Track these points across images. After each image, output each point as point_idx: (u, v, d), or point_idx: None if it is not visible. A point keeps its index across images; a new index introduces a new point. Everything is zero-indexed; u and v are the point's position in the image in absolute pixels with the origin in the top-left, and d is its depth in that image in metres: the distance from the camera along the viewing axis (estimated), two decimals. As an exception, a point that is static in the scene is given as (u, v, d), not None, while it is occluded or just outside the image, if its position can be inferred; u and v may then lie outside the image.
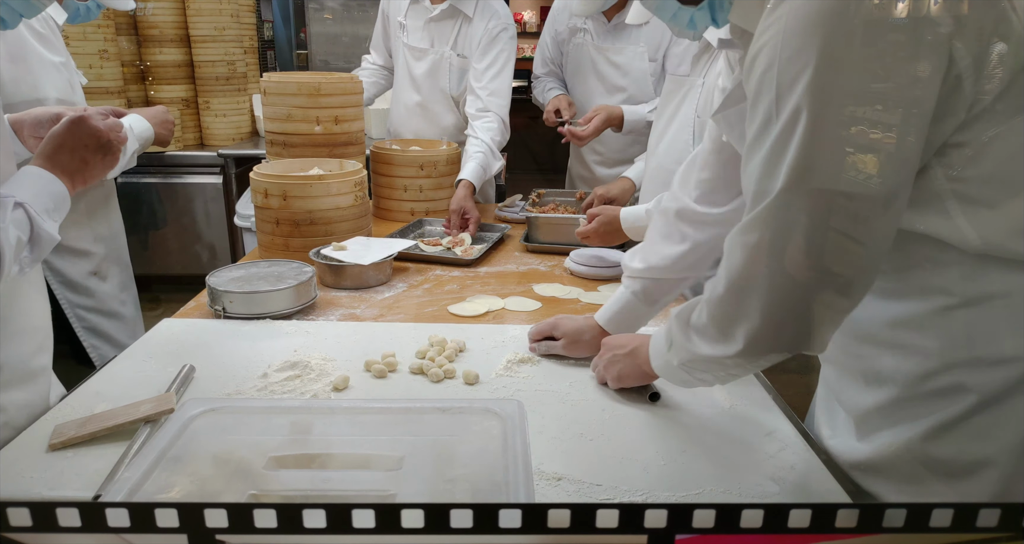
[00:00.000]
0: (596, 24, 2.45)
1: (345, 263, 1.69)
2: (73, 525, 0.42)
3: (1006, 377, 0.80)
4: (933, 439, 0.86)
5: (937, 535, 0.44)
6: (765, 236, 0.80)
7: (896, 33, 0.69)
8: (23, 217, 1.03)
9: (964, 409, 0.83)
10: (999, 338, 0.80)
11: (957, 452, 0.84)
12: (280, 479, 0.86)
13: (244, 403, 1.09)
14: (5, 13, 1.10)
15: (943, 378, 0.84)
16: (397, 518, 0.42)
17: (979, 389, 0.81)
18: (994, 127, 0.74)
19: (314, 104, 2.08)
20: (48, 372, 1.21)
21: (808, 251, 0.77)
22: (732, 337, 0.87)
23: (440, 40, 2.51)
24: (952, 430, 0.84)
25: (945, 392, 0.84)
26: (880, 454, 0.93)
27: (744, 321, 0.85)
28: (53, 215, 1.08)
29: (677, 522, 0.43)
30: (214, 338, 1.41)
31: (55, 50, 1.76)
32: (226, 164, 3.64)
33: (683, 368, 0.99)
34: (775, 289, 0.81)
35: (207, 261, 3.76)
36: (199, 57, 3.62)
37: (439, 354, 1.31)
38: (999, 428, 0.81)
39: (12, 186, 1.06)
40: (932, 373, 0.84)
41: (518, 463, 0.89)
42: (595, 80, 2.50)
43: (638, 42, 2.40)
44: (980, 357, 0.81)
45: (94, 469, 0.96)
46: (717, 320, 0.89)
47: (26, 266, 1.05)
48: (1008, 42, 0.70)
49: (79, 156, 1.15)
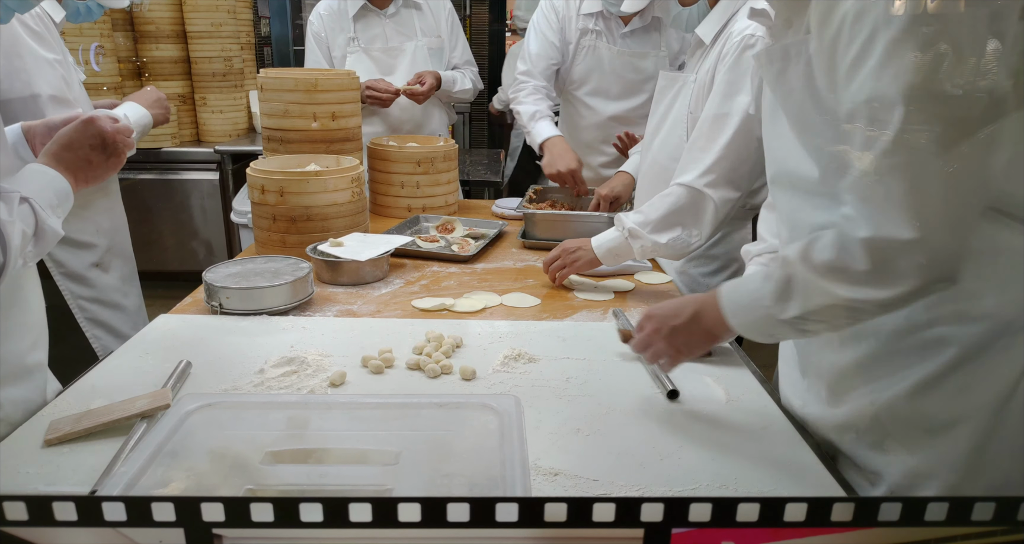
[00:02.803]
0: (611, 26, 2.42)
1: (342, 259, 1.69)
2: (70, 519, 0.42)
3: (986, 332, 0.82)
4: (918, 395, 0.87)
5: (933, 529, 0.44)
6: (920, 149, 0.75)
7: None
8: (28, 212, 1.03)
9: (944, 363, 0.85)
10: (984, 293, 0.82)
11: (939, 407, 0.86)
12: (277, 474, 0.86)
13: (241, 398, 1.09)
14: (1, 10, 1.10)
15: (927, 332, 0.86)
16: (394, 512, 0.42)
17: (959, 343, 0.83)
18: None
19: (311, 100, 2.08)
20: (44, 368, 1.21)
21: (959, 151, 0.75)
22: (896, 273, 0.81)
23: (407, 33, 2.66)
24: (935, 385, 0.86)
25: (927, 345, 0.86)
26: (859, 414, 0.94)
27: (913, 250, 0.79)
28: (57, 211, 1.09)
29: (673, 516, 0.43)
30: (211, 334, 1.41)
31: (49, 47, 1.76)
32: (223, 160, 3.63)
33: (797, 321, 0.90)
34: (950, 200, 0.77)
35: (204, 257, 3.75)
36: (196, 53, 3.61)
37: (436, 350, 1.31)
38: (977, 383, 0.84)
39: (17, 182, 1.06)
40: (917, 326, 0.86)
41: (515, 458, 0.89)
42: (615, 84, 2.48)
43: (659, 47, 2.40)
44: (964, 311, 0.83)
45: (90, 464, 0.96)
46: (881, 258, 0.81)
47: (30, 260, 1.06)
48: None
49: (84, 155, 1.16)
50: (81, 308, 2.05)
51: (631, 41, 2.42)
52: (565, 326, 1.49)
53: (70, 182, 1.14)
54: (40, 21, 1.75)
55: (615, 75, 2.46)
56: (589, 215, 2.05)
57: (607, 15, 2.39)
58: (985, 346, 0.83)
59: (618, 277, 1.79)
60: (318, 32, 2.64)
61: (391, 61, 2.65)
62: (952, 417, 0.86)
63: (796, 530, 0.44)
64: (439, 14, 2.71)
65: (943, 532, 0.44)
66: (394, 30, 2.65)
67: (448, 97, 2.76)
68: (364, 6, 2.59)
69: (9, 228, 0.98)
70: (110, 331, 2.11)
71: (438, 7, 2.71)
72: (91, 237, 2.02)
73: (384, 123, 2.70)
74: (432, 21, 2.70)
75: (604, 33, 2.43)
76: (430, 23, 2.70)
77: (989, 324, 0.82)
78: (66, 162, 1.14)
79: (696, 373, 1.27)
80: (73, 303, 2.03)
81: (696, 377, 1.25)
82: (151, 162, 3.59)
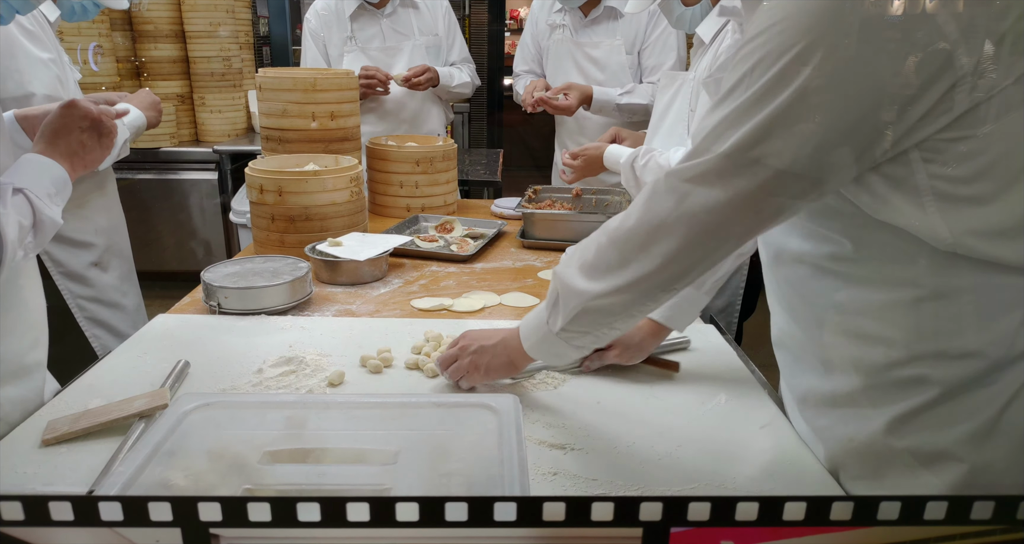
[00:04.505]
0: (574, 19, 2.50)
1: (341, 259, 1.69)
2: (66, 519, 0.42)
3: (968, 371, 0.81)
4: (894, 431, 0.86)
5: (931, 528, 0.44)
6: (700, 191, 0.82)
7: (893, 30, 0.69)
8: (24, 203, 1.04)
9: (925, 401, 0.83)
10: (965, 332, 0.80)
11: (918, 443, 0.85)
12: (275, 474, 0.86)
13: (239, 398, 1.09)
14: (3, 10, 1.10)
15: (906, 369, 0.84)
16: (392, 511, 0.42)
17: (942, 382, 0.82)
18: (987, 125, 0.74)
19: (310, 100, 2.08)
20: (42, 368, 1.21)
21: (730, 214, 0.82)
22: (627, 268, 0.89)
23: (404, 32, 2.67)
24: (912, 421, 0.85)
25: (907, 384, 0.85)
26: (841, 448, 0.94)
27: (644, 259, 0.88)
28: (55, 200, 1.10)
29: (672, 515, 0.43)
30: (209, 334, 1.40)
31: (44, 46, 1.76)
32: (221, 160, 3.63)
33: (564, 333, 0.98)
34: (689, 240, 0.85)
35: (202, 257, 3.75)
36: (194, 53, 3.60)
37: (435, 349, 1.31)
38: (959, 420, 0.82)
39: (12, 174, 1.07)
40: (896, 364, 0.85)
41: (513, 457, 0.88)
42: (575, 74, 2.54)
43: (614, 35, 2.45)
44: (945, 350, 0.81)
45: (88, 464, 0.96)
46: (620, 248, 0.90)
47: (30, 251, 1.07)
48: (1005, 41, 0.70)
49: (75, 139, 1.18)
50: (80, 307, 2.05)
51: (589, 32, 2.49)
52: (564, 326, 1.49)
53: (66, 169, 1.15)
54: (34, 20, 1.75)
55: (574, 66, 2.54)
56: (588, 215, 2.05)
57: (569, 9, 2.49)
58: (968, 384, 0.81)
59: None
60: (315, 31, 2.65)
61: (388, 60, 2.66)
62: (932, 453, 0.84)
63: (795, 529, 0.44)
64: (436, 13, 2.72)
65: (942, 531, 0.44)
66: (391, 29, 2.66)
67: (447, 93, 2.76)
68: (361, 5, 2.59)
69: (3, 219, 0.98)
70: (109, 330, 2.12)
71: (435, 6, 2.71)
72: (89, 236, 2.03)
73: (383, 121, 2.70)
74: (429, 20, 2.71)
75: (569, 27, 2.52)
76: (427, 22, 2.70)
77: (971, 361, 0.80)
78: (59, 148, 1.16)
79: (696, 373, 1.27)
80: (72, 302, 2.03)
81: (696, 377, 1.25)
82: (150, 162, 3.59)
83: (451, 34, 2.77)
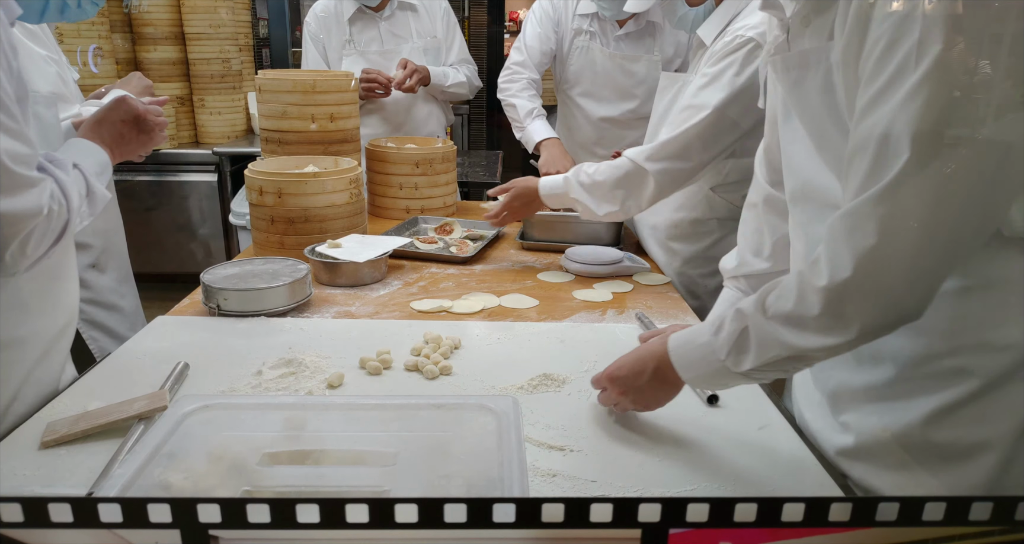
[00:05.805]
0: (606, 27, 2.41)
1: (340, 260, 1.69)
2: (66, 521, 0.42)
3: (1010, 362, 0.80)
4: (933, 423, 0.85)
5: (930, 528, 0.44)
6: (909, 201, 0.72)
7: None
8: (79, 175, 1.13)
9: (965, 393, 0.82)
10: (1009, 323, 0.79)
11: (956, 436, 0.84)
12: (274, 475, 0.86)
13: (238, 400, 1.09)
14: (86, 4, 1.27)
15: (947, 361, 0.83)
16: (391, 512, 0.42)
17: (982, 373, 0.81)
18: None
19: (309, 101, 2.08)
20: (64, 355, 1.24)
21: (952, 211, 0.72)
22: (849, 321, 0.78)
23: (402, 34, 2.66)
24: (952, 414, 0.84)
25: (947, 375, 0.83)
26: (874, 439, 0.92)
27: (871, 299, 0.77)
28: (100, 178, 1.20)
29: (671, 516, 0.43)
30: (208, 335, 1.40)
31: (43, 45, 1.76)
32: (221, 162, 3.63)
33: (752, 372, 0.89)
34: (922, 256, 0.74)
35: (202, 259, 3.75)
36: (194, 55, 3.61)
37: (434, 351, 1.31)
38: (999, 412, 0.81)
39: (63, 153, 1.16)
40: (936, 355, 0.84)
41: (513, 459, 0.89)
42: (606, 87, 2.47)
43: (652, 51, 2.39)
44: (988, 341, 0.80)
45: (87, 466, 0.96)
46: (834, 305, 0.78)
47: (84, 218, 1.16)
48: None
49: (117, 130, 1.29)
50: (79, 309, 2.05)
51: (624, 44, 2.42)
52: (564, 327, 1.49)
53: (108, 154, 1.25)
54: None
55: (607, 77, 2.46)
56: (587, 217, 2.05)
57: (602, 17, 2.39)
58: (1009, 375, 0.80)
59: (616, 279, 1.79)
60: (315, 33, 2.65)
61: (387, 63, 2.65)
62: (972, 445, 0.83)
63: (794, 530, 0.44)
64: (435, 15, 2.71)
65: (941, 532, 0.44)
66: (389, 32, 2.65)
67: (442, 93, 2.73)
68: (359, 8, 2.59)
69: (70, 187, 1.07)
70: (107, 332, 2.11)
71: (434, 8, 2.71)
72: (87, 238, 2.02)
73: (382, 123, 2.70)
74: (428, 22, 2.70)
75: (598, 35, 2.43)
76: (426, 24, 2.69)
77: (1013, 353, 0.79)
78: (101, 136, 1.26)
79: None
80: None
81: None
82: (149, 164, 3.59)
83: (450, 36, 2.76)
